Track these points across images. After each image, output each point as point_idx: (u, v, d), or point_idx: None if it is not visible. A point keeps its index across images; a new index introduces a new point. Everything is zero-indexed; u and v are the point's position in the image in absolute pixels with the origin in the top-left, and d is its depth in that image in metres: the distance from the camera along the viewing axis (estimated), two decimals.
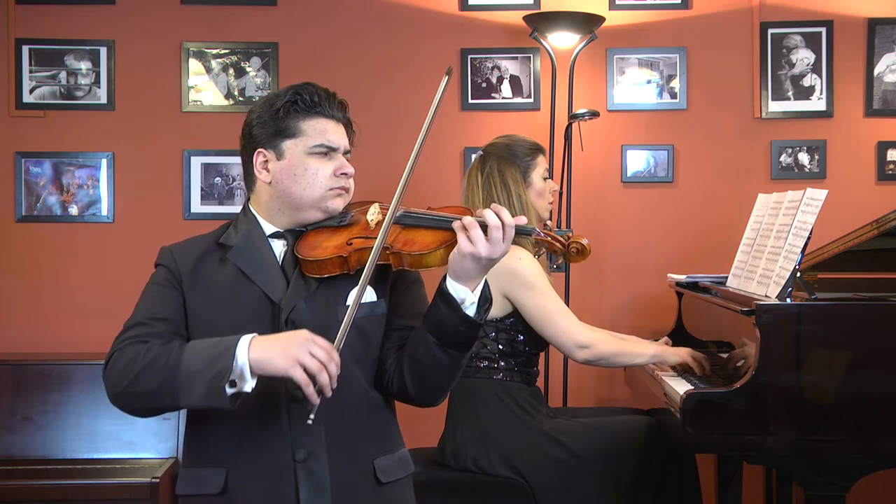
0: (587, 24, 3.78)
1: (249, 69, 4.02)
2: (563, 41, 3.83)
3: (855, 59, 3.96)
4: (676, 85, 4.00)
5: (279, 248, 2.03)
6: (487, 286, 1.89)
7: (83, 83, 4.00)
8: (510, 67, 4.02)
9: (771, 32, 3.98)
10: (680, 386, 2.75)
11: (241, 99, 4.01)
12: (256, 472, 1.93)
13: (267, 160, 2.02)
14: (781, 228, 2.83)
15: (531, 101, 4.01)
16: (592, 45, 3.87)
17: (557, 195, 3.49)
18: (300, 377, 1.78)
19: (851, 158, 3.97)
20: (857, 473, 2.56)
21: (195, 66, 4.02)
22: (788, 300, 2.62)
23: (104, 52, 3.99)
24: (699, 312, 3.30)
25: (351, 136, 2.08)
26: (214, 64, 4.02)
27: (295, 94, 2.01)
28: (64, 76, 3.99)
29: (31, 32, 3.98)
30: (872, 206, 3.55)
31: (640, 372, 3.25)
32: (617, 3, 3.99)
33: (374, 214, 2.01)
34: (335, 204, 2.03)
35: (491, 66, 4.02)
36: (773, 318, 2.54)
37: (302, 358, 1.78)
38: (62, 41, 3.99)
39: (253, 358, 1.81)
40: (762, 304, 2.56)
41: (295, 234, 2.03)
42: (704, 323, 3.22)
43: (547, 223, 2.96)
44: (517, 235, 1.86)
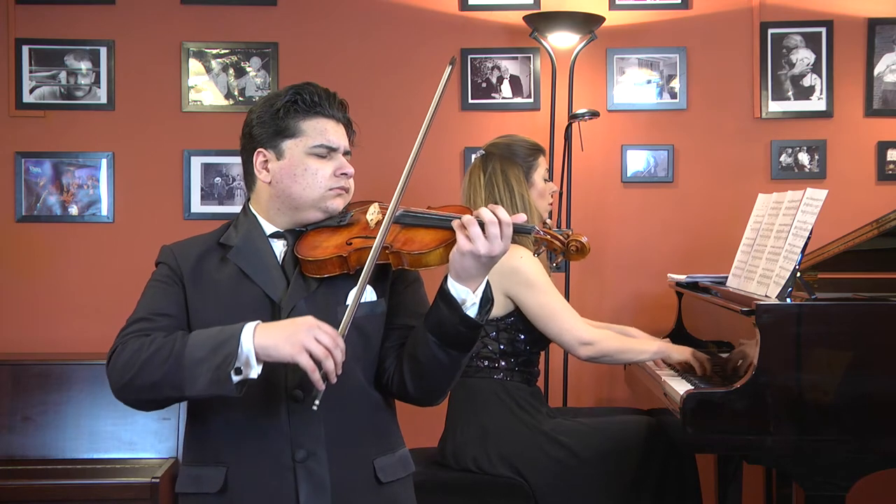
0: (587, 24, 3.78)
1: (249, 69, 4.02)
2: (563, 41, 3.83)
3: (855, 59, 3.96)
4: (676, 85, 4.00)
5: (279, 247, 2.03)
6: (489, 287, 1.89)
7: (83, 83, 4.00)
8: (510, 67, 4.02)
9: (771, 32, 3.97)
10: (680, 386, 2.74)
11: (241, 99, 4.01)
12: (256, 471, 1.93)
13: (267, 160, 2.02)
14: (781, 228, 2.83)
15: (531, 101, 4.01)
16: (592, 45, 3.87)
17: (557, 196, 3.48)
18: (306, 363, 1.78)
19: (851, 158, 3.97)
20: (857, 473, 2.56)
21: (195, 66, 4.02)
22: (788, 300, 2.62)
23: (104, 52, 3.99)
24: (699, 312, 3.30)
25: (351, 135, 2.08)
26: (214, 64, 4.02)
27: (295, 93, 2.01)
28: (64, 76, 3.99)
29: (31, 32, 3.98)
30: (872, 206, 3.56)
31: (640, 372, 3.25)
32: (617, 3, 3.99)
33: (373, 214, 2.01)
34: (335, 204, 2.03)
35: (491, 66, 4.02)
36: (773, 318, 2.54)
37: (308, 344, 1.78)
38: (62, 41, 3.99)
39: (258, 344, 1.80)
40: (762, 304, 2.56)
41: (295, 233, 2.03)
42: (704, 323, 3.22)
43: (546, 222, 2.96)
44: (517, 234, 1.86)
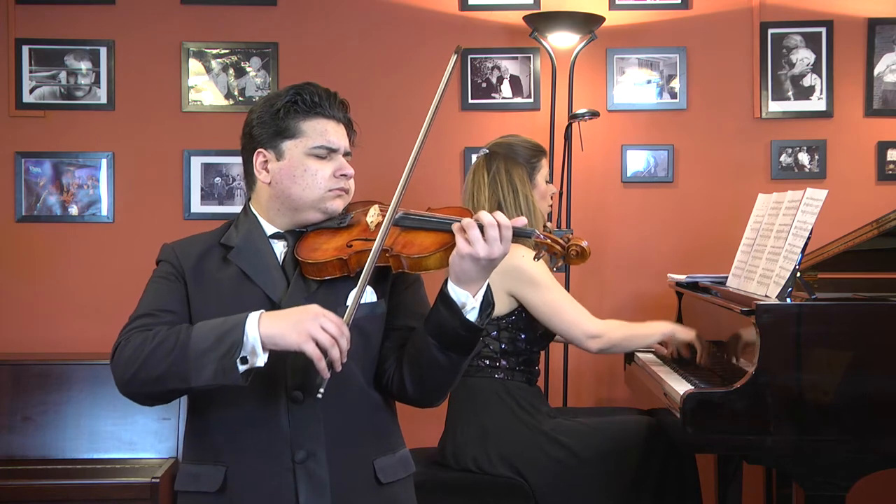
0: (587, 24, 3.78)
1: (249, 69, 4.01)
2: (563, 41, 3.83)
3: (855, 59, 3.96)
4: (676, 85, 4.00)
5: (280, 248, 2.03)
6: (489, 291, 1.88)
7: (83, 83, 4.00)
8: (510, 67, 4.02)
9: (771, 32, 3.97)
10: (680, 386, 2.75)
11: (241, 99, 4.01)
12: (255, 472, 1.92)
13: (267, 160, 2.02)
14: (781, 228, 2.83)
15: (531, 101, 4.01)
16: (592, 45, 3.87)
17: (556, 197, 3.48)
18: (312, 351, 1.78)
19: (851, 158, 3.97)
20: (857, 473, 2.56)
21: (195, 66, 4.01)
22: (788, 300, 2.62)
23: (104, 52, 3.99)
24: (699, 312, 3.29)
25: (352, 136, 2.07)
26: (214, 64, 4.02)
27: (296, 94, 2.00)
28: (64, 76, 3.99)
29: (31, 32, 3.98)
30: (872, 206, 3.56)
31: (640, 372, 3.25)
32: (617, 3, 3.99)
33: (373, 216, 2.00)
34: (335, 205, 2.02)
35: (491, 66, 4.02)
36: (773, 318, 2.54)
37: (314, 332, 1.78)
38: (62, 41, 3.99)
39: (264, 333, 1.80)
40: (762, 304, 2.56)
41: (295, 234, 2.03)
42: (704, 323, 3.22)
43: (547, 225, 2.96)
44: (518, 237, 1.86)
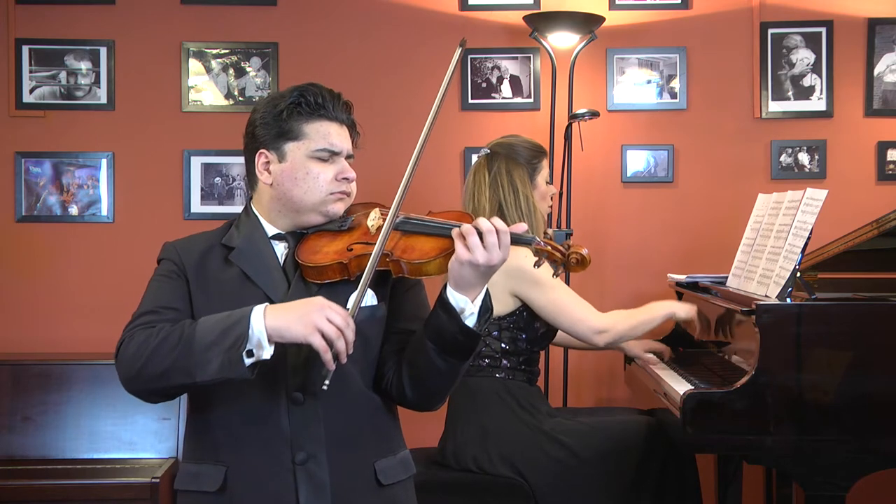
0: (587, 24, 3.78)
1: (249, 69, 4.01)
2: (563, 41, 3.83)
3: (855, 59, 3.96)
4: (676, 85, 4.00)
5: (281, 250, 2.03)
6: (488, 296, 1.88)
7: (83, 83, 4.00)
8: (510, 67, 4.02)
9: (771, 32, 3.97)
10: (680, 386, 2.75)
11: (241, 99, 4.01)
12: (256, 472, 1.92)
13: (269, 161, 2.01)
14: (781, 228, 2.83)
15: (531, 101, 4.01)
16: (592, 45, 3.87)
17: (556, 197, 3.48)
18: (319, 343, 1.78)
19: (851, 158, 3.97)
20: (857, 473, 2.56)
21: (195, 66, 4.01)
22: (788, 300, 2.62)
23: (104, 52, 3.99)
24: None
25: (355, 137, 2.07)
26: (214, 64, 4.02)
27: (299, 95, 1.99)
28: (64, 76, 3.99)
29: (31, 32, 3.98)
30: (872, 206, 3.56)
31: (640, 372, 3.25)
32: (617, 3, 3.99)
33: (374, 219, 2.00)
34: (336, 208, 2.02)
35: (491, 66, 4.02)
36: (773, 318, 2.54)
37: (320, 324, 1.78)
38: (62, 41, 3.98)
39: (270, 326, 1.80)
40: (762, 304, 2.56)
41: (296, 236, 2.03)
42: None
43: (547, 231, 2.97)
44: (517, 244, 1.86)
